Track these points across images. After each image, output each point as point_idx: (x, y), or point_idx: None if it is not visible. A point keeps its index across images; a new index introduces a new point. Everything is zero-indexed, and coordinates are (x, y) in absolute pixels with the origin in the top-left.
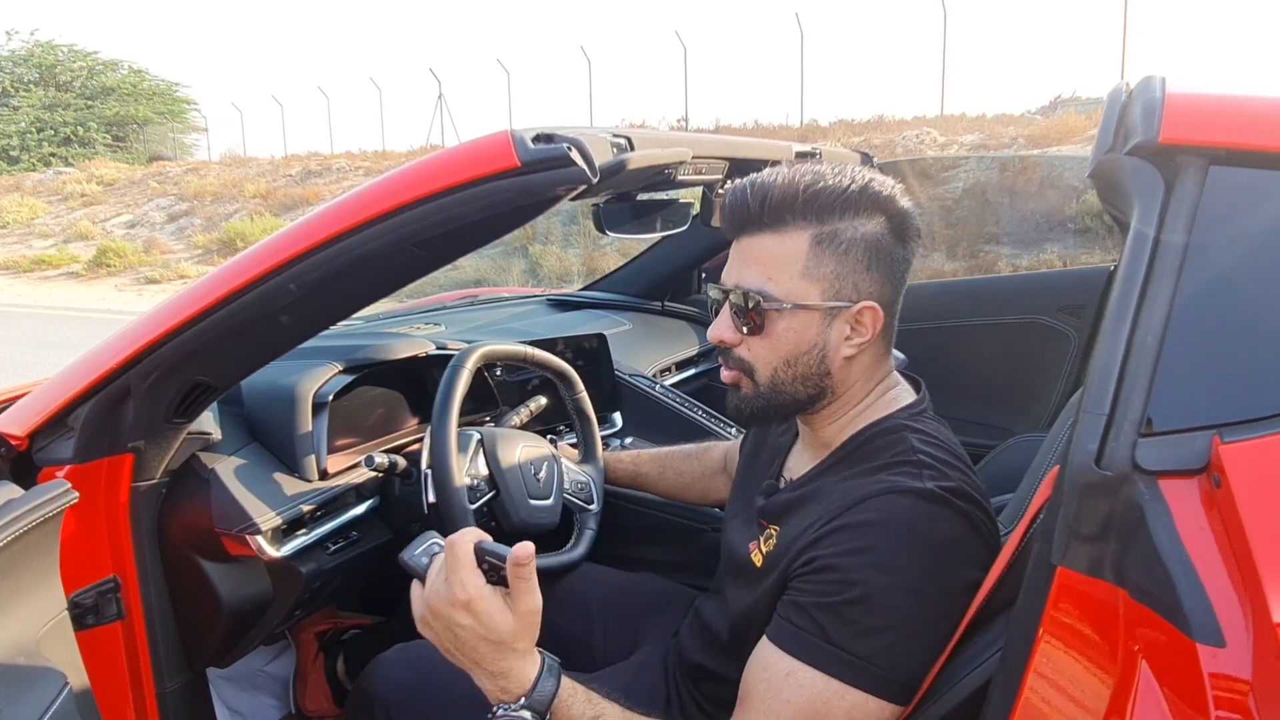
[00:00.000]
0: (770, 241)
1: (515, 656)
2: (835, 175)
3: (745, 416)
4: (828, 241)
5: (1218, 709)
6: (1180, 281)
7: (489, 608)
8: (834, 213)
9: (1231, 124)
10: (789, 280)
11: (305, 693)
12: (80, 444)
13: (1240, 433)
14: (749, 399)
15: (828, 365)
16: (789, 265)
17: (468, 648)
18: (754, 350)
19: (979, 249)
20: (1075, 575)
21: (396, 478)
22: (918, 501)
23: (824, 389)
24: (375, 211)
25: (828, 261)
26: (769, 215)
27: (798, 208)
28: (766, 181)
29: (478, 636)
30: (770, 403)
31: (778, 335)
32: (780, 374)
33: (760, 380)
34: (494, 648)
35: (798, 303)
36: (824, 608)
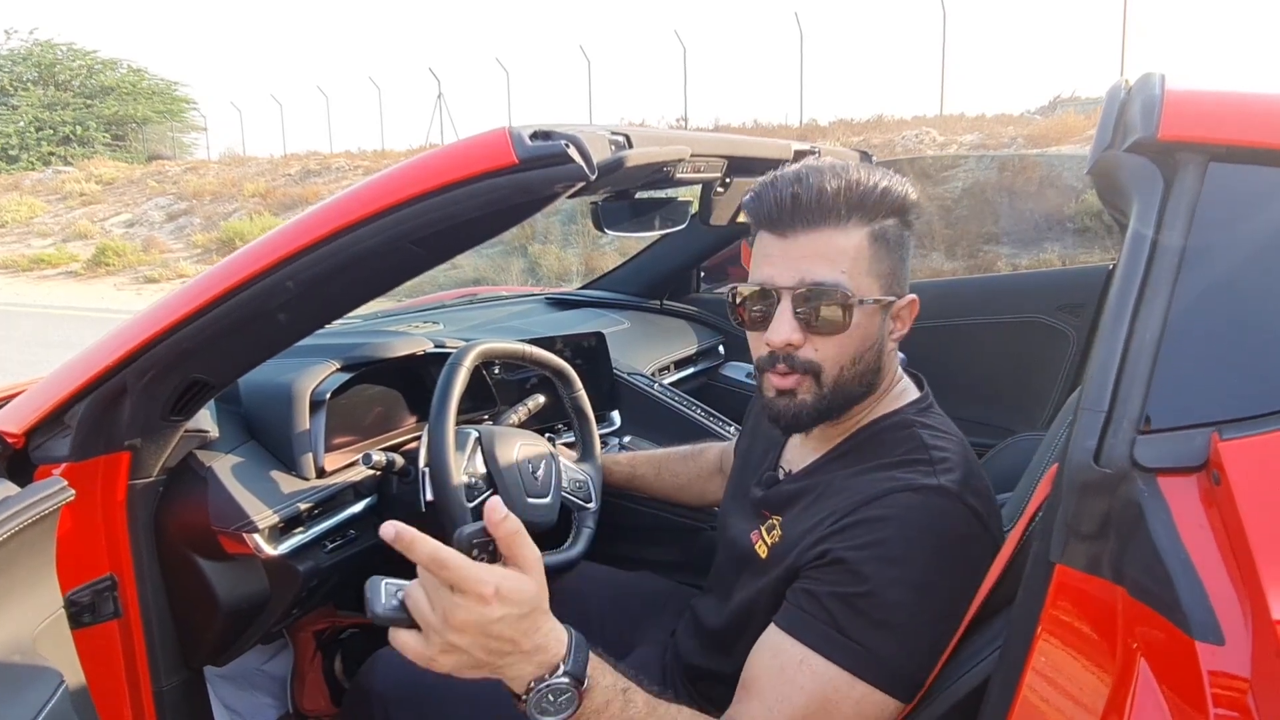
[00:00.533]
0: (835, 237)
1: (545, 620)
2: (884, 176)
3: (805, 423)
4: (881, 238)
5: (1216, 706)
6: (1179, 278)
7: (513, 584)
8: (883, 211)
9: (1230, 121)
10: (860, 275)
11: (303, 692)
12: (77, 442)
13: (1239, 430)
14: (809, 404)
15: (881, 360)
16: (858, 261)
17: (505, 640)
18: (822, 350)
19: (978, 249)
20: (1074, 573)
21: (394, 476)
22: (932, 498)
23: (873, 385)
24: (373, 209)
25: (884, 258)
26: (838, 210)
27: (866, 204)
28: (829, 176)
29: (513, 619)
30: (831, 404)
31: (850, 332)
32: (846, 372)
33: (826, 381)
34: (528, 620)
35: (872, 298)
36: (838, 598)
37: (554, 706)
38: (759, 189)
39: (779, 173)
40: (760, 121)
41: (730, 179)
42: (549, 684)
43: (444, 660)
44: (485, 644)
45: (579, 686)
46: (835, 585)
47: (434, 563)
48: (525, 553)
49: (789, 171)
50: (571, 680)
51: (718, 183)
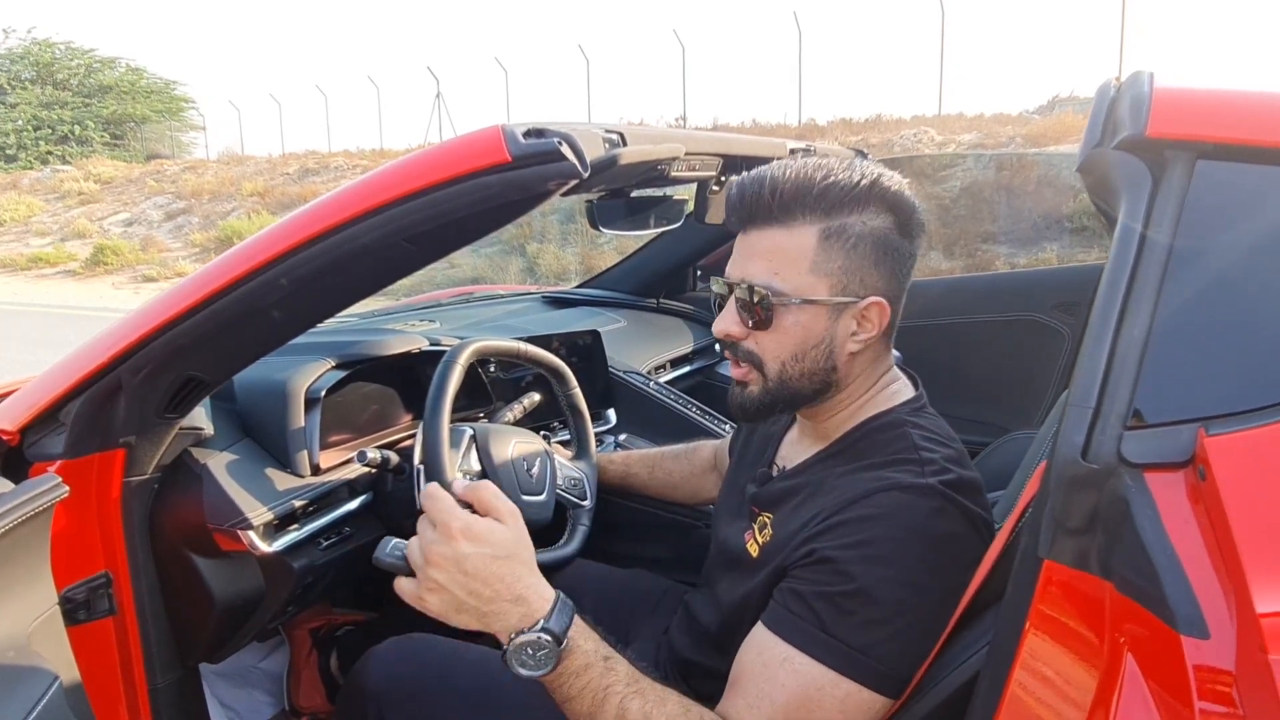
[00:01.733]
0: (779, 235)
1: (527, 571)
2: (845, 170)
3: (752, 412)
4: (836, 236)
5: (1202, 700)
6: (1167, 275)
7: (484, 525)
8: (843, 208)
9: (1218, 118)
10: (797, 275)
11: (299, 689)
12: (71, 439)
13: (1225, 426)
14: (756, 394)
15: (834, 360)
16: (798, 260)
17: (483, 579)
18: (761, 344)
19: (976, 248)
20: (1062, 568)
21: (389, 473)
22: (920, 498)
23: (829, 383)
24: (366, 206)
25: (836, 257)
26: (779, 209)
27: (809, 201)
28: (776, 175)
29: (487, 558)
30: (777, 397)
31: (785, 329)
32: (788, 368)
33: (769, 374)
34: (505, 564)
35: (806, 297)
36: (823, 597)
37: (533, 660)
38: (728, 188)
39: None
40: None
41: (725, 177)
42: (527, 637)
43: (430, 600)
44: (463, 583)
45: (558, 645)
46: (821, 584)
47: (427, 496)
48: (497, 504)
49: (757, 170)
50: (551, 637)
51: (713, 181)
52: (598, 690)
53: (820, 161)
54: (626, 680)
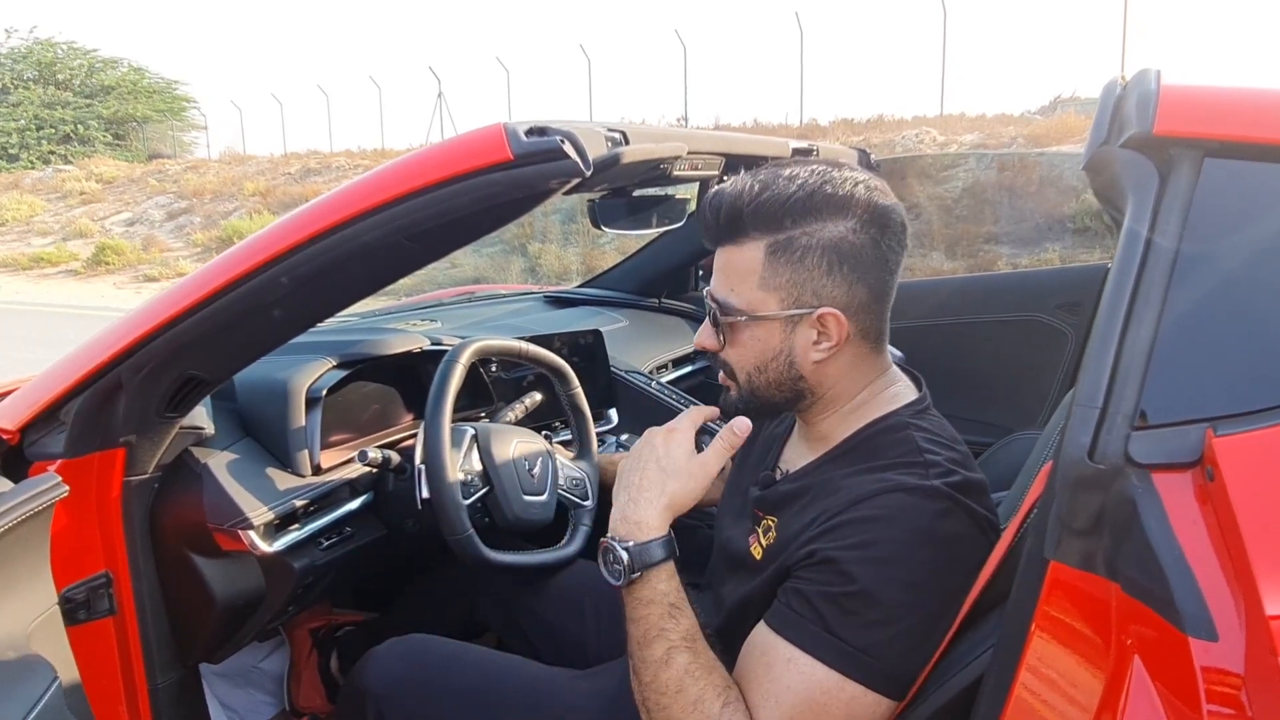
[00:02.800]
0: (732, 253)
1: (658, 495)
2: (785, 181)
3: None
4: (782, 250)
5: (1210, 703)
6: (1174, 274)
7: (679, 440)
8: (784, 220)
9: (1226, 116)
10: (748, 291)
11: (299, 689)
12: (72, 438)
13: (1234, 426)
14: (734, 401)
15: (798, 370)
16: (747, 276)
17: (639, 468)
18: (729, 356)
19: (978, 248)
20: (1068, 570)
21: (390, 473)
22: (923, 499)
23: (800, 392)
24: (368, 204)
25: (783, 270)
26: (725, 227)
27: (747, 218)
28: (721, 193)
29: (655, 459)
30: (751, 404)
31: (743, 344)
32: (755, 379)
33: (740, 384)
34: (656, 474)
35: (755, 313)
36: (827, 598)
37: (605, 567)
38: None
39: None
40: (760, 121)
41: (727, 177)
42: (611, 544)
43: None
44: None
45: (630, 571)
46: (825, 585)
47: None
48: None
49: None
50: (629, 559)
51: (715, 180)
52: (652, 628)
53: (767, 174)
54: (684, 634)
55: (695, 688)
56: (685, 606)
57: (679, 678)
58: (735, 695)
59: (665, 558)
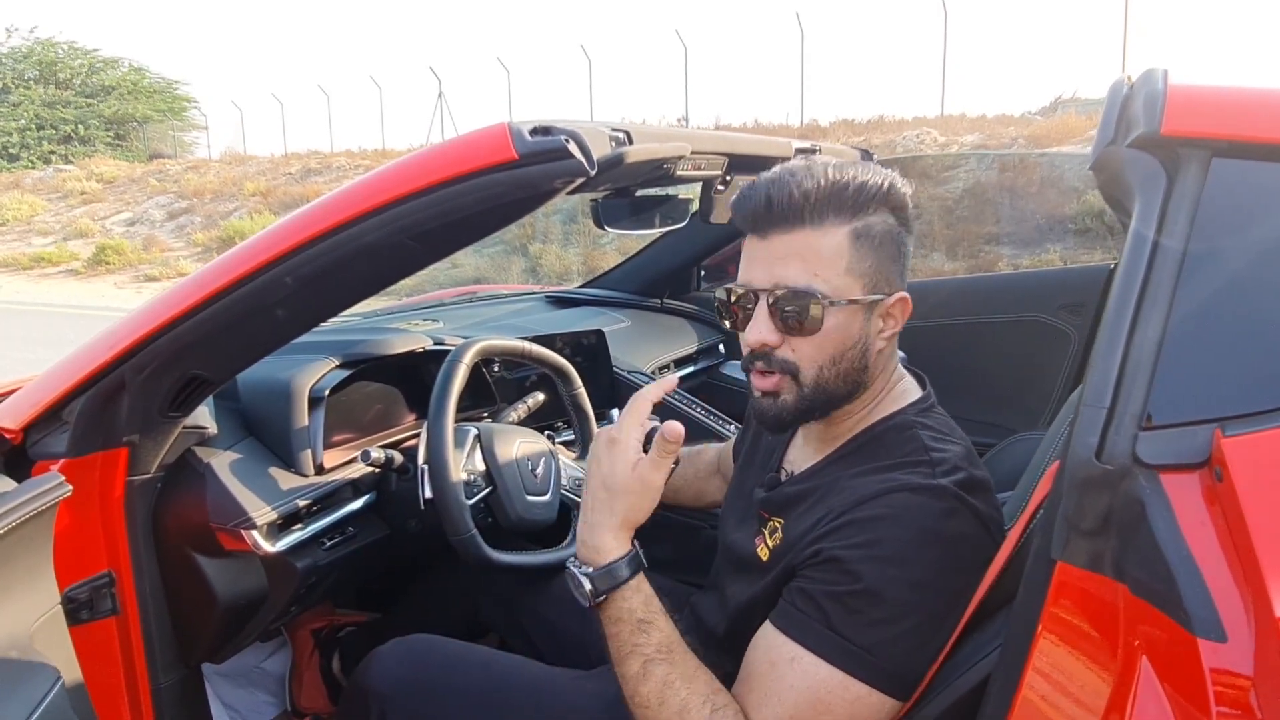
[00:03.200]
0: (811, 237)
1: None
2: (866, 171)
3: (787, 422)
4: (864, 236)
5: (1219, 705)
6: (1182, 274)
7: (621, 454)
8: (868, 208)
9: (1233, 116)
10: (836, 276)
11: (301, 690)
12: (75, 438)
13: (1242, 426)
14: (791, 404)
15: (866, 359)
16: (834, 261)
17: (591, 484)
18: (799, 350)
19: (979, 249)
20: (1075, 570)
21: (393, 473)
22: (930, 499)
23: (859, 384)
24: (372, 204)
25: (867, 256)
26: (811, 211)
27: (841, 202)
28: (803, 177)
29: (600, 476)
30: (813, 404)
31: (825, 333)
32: (825, 373)
33: (805, 381)
34: (603, 495)
35: (847, 298)
36: (831, 596)
37: (572, 590)
38: (741, 193)
39: (760, 176)
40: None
41: (731, 177)
42: (573, 569)
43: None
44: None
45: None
46: (830, 584)
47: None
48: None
49: (767, 174)
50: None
51: (718, 180)
52: (625, 644)
53: (835, 163)
54: (657, 646)
55: (677, 698)
56: (657, 619)
57: (659, 690)
58: (724, 700)
59: (629, 576)
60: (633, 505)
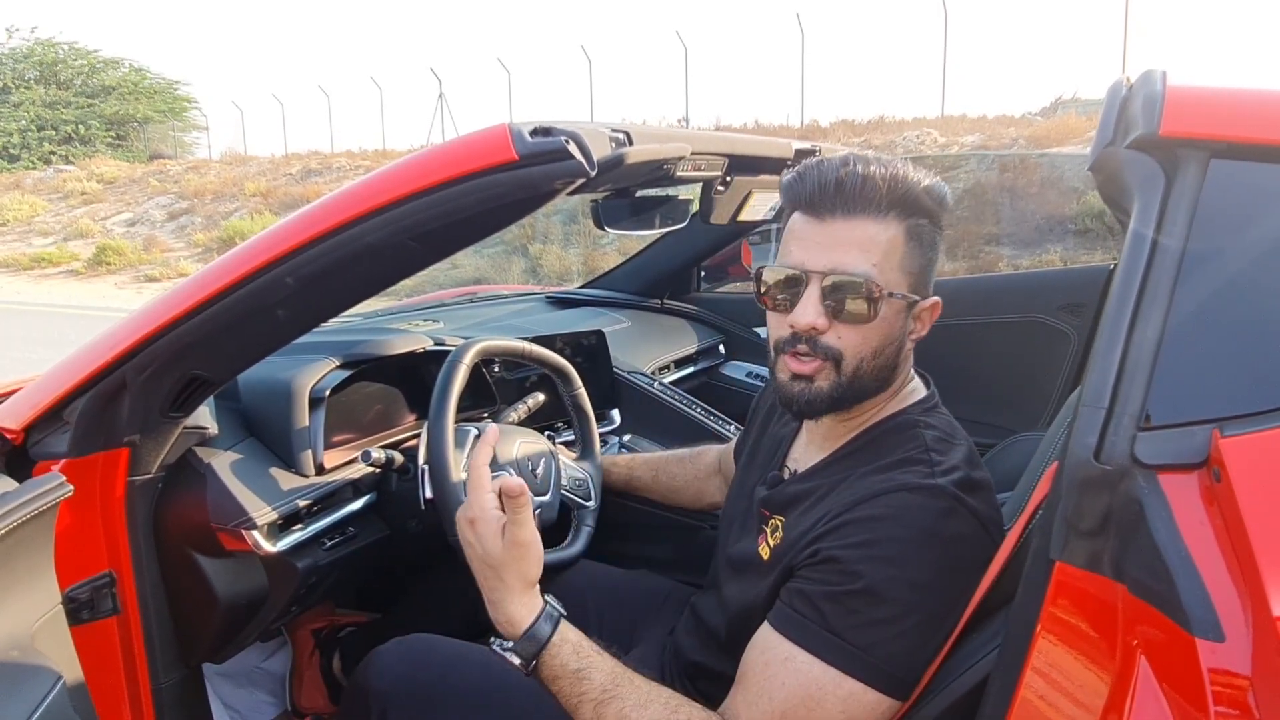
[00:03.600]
0: (873, 227)
1: (505, 590)
2: (927, 175)
3: (818, 408)
4: (916, 237)
5: (1217, 704)
6: (1180, 274)
7: (486, 530)
8: (922, 209)
9: (1232, 117)
10: (891, 269)
11: (301, 690)
12: (76, 438)
13: (1240, 427)
14: (824, 391)
15: (898, 358)
16: (891, 254)
17: (475, 566)
18: (845, 338)
19: (979, 249)
20: (1074, 570)
21: (394, 473)
22: (929, 498)
23: (887, 381)
24: (373, 205)
25: (918, 256)
26: (879, 201)
27: (906, 199)
28: (875, 165)
29: (478, 557)
30: (846, 393)
31: (875, 324)
32: (866, 364)
33: (845, 370)
34: (490, 573)
35: (901, 292)
36: (828, 597)
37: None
38: (803, 170)
39: (826, 157)
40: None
41: (731, 177)
42: (499, 644)
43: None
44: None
45: (527, 665)
46: (827, 584)
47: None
48: (511, 528)
49: (836, 156)
50: (520, 659)
51: (718, 181)
52: (570, 698)
53: (902, 159)
54: (602, 688)
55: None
56: (593, 660)
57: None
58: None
59: (551, 632)
60: (521, 569)
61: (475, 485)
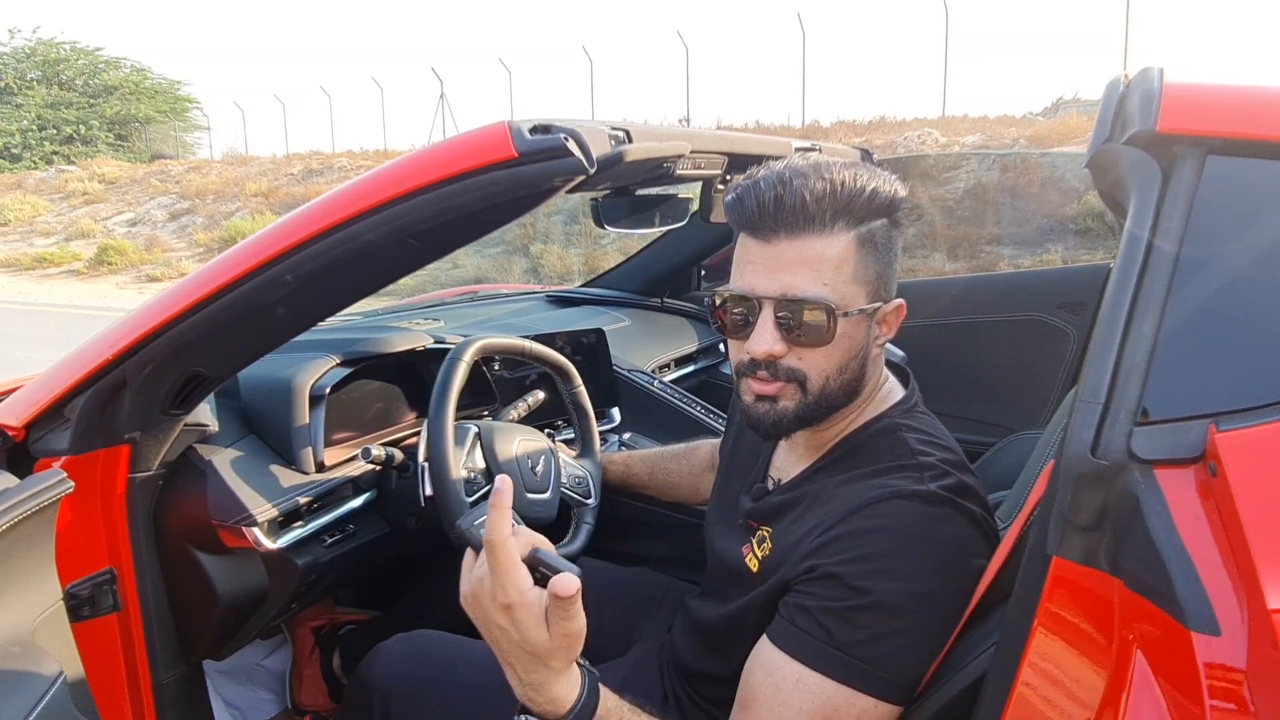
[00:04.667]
0: (819, 244)
1: (549, 673)
2: (874, 177)
3: (784, 429)
4: (868, 243)
5: (1213, 698)
6: (1177, 271)
7: (528, 617)
8: (871, 213)
9: (1229, 114)
10: (843, 284)
11: (301, 687)
12: (76, 435)
13: (1236, 421)
14: (790, 411)
15: (865, 368)
16: (842, 268)
17: (503, 650)
18: (807, 360)
19: (980, 249)
20: (1070, 565)
21: (393, 471)
22: (922, 505)
23: (856, 392)
24: (372, 202)
25: (871, 264)
26: (821, 216)
27: (853, 208)
28: (813, 179)
29: (513, 643)
30: (814, 412)
31: (835, 344)
32: (832, 381)
33: (811, 390)
34: (529, 658)
35: (856, 308)
36: (832, 613)
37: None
38: (740, 190)
39: (761, 173)
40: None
41: (731, 176)
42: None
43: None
44: (488, 632)
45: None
46: (829, 600)
47: (492, 545)
48: (562, 622)
49: (772, 172)
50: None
51: (718, 180)
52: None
53: (842, 164)
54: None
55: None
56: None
57: None
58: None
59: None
60: (571, 654)
61: (503, 566)
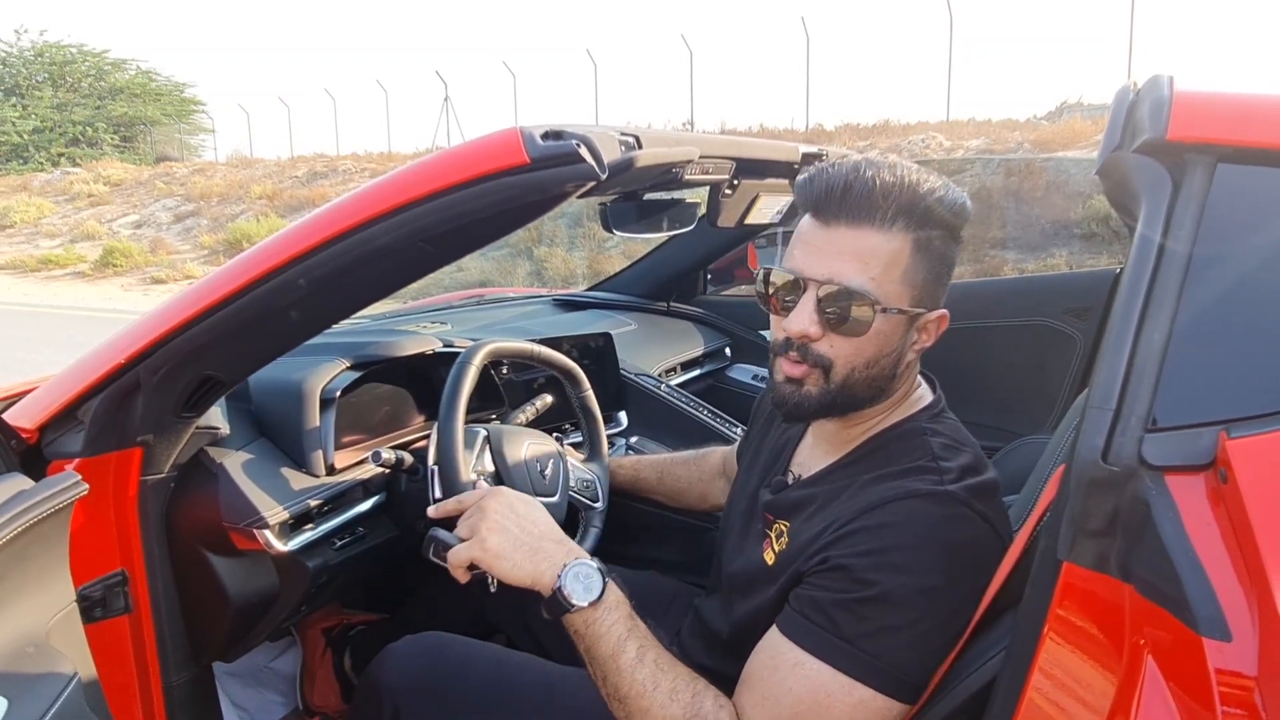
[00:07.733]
0: (876, 238)
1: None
2: (943, 185)
3: (806, 412)
4: (924, 249)
5: (1224, 704)
6: (1187, 278)
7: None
8: (933, 221)
9: (1239, 122)
10: (891, 282)
11: (312, 689)
12: (89, 437)
13: (1247, 428)
14: (813, 396)
15: (896, 369)
16: (893, 267)
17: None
18: (836, 347)
19: (984, 253)
20: (1081, 571)
21: (403, 474)
22: (936, 505)
23: (882, 390)
24: (385, 207)
25: (922, 269)
26: (885, 211)
27: (916, 210)
28: (886, 172)
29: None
30: (834, 402)
31: (869, 337)
32: (857, 374)
33: (835, 378)
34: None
35: (897, 307)
36: (840, 604)
37: (582, 587)
38: (815, 172)
39: (839, 160)
40: (766, 126)
41: (738, 181)
42: (577, 566)
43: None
44: (516, 521)
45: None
46: (838, 591)
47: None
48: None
49: (849, 160)
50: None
51: (725, 184)
52: (628, 628)
53: (917, 167)
54: (645, 633)
55: (668, 681)
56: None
57: (653, 674)
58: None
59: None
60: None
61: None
